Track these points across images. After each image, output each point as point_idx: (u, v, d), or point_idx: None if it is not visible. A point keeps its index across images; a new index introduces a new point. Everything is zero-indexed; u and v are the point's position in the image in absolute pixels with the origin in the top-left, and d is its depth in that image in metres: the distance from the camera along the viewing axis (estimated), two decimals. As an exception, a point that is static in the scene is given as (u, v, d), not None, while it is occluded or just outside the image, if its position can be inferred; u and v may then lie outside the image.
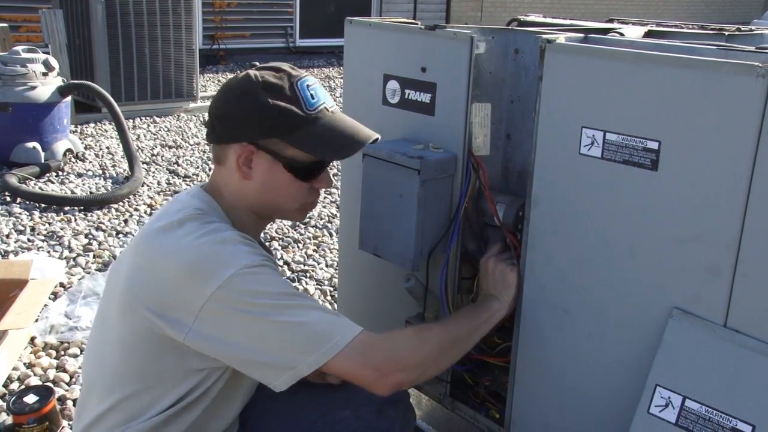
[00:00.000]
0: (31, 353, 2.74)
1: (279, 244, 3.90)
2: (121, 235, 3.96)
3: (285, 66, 1.42)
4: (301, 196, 1.45)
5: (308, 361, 1.28)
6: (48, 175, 4.92)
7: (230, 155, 1.40)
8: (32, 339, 2.81)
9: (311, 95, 1.39)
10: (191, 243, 1.31)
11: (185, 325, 1.29)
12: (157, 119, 6.67)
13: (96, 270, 3.49)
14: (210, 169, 5.23)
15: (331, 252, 3.88)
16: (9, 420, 2.26)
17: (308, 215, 1.63)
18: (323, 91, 1.43)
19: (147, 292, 1.33)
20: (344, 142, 1.41)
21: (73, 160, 5.27)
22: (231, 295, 1.27)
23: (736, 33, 1.92)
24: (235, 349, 1.29)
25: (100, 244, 3.83)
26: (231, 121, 1.38)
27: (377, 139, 1.47)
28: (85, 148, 5.59)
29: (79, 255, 3.68)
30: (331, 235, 4.11)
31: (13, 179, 4.45)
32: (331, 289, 3.43)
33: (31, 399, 2.26)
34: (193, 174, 5.16)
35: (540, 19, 2.26)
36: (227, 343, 1.29)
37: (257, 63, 9.93)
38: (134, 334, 1.35)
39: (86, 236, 3.92)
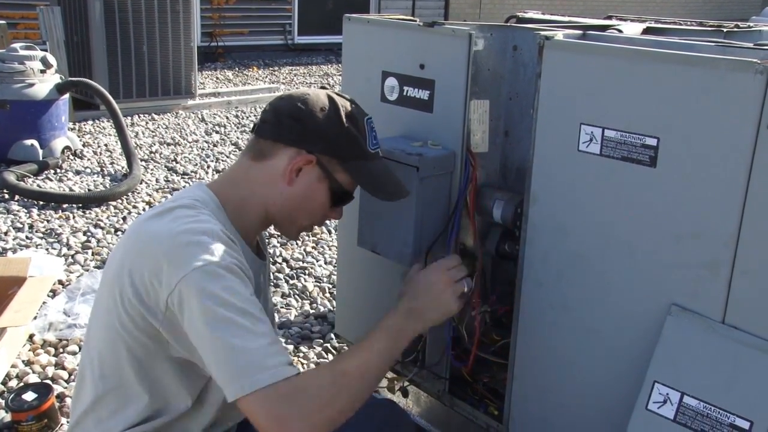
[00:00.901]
0: (29, 351, 2.74)
1: (277, 241, 3.89)
2: (119, 233, 3.96)
3: (354, 101, 1.51)
4: (319, 216, 1.51)
5: (228, 389, 1.22)
6: (46, 172, 4.91)
7: (281, 156, 1.43)
8: (31, 336, 2.80)
9: (374, 136, 1.50)
10: (175, 229, 1.30)
11: (160, 311, 1.28)
12: (156, 116, 6.66)
13: (94, 267, 3.49)
14: (208, 167, 5.25)
15: (329, 249, 3.88)
16: (8, 417, 2.26)
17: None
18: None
19: (133, 274, 1.32)
20: (395, 189, 1.52)
21: (71, 157, 5.26)
22: (190, 290, 1.24)
23: (735, 30, 1.92)
24: (195, 343, 1.27)
25: (98, 241, 3.83)
26: (307, 127, 1.42)
27: (408, 194, 1.58)
28: (84, 145, 5.59)
29: (77, 252, 3.67)
30: (329, 232, 4.11)
31: (11, 176, 4.45)
32: (330, 286, 3.43)
33: (29, 396, 2.26)
34: (191, 171, 5.16)
35: (538, 15, 2.26)
36: (190, 337, 1.27)
37: (255, 63, 9.90)
38: (120, 323, 1.35)
39: (85, 234, 3.92)
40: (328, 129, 1.42)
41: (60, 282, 3.30)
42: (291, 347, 2.90)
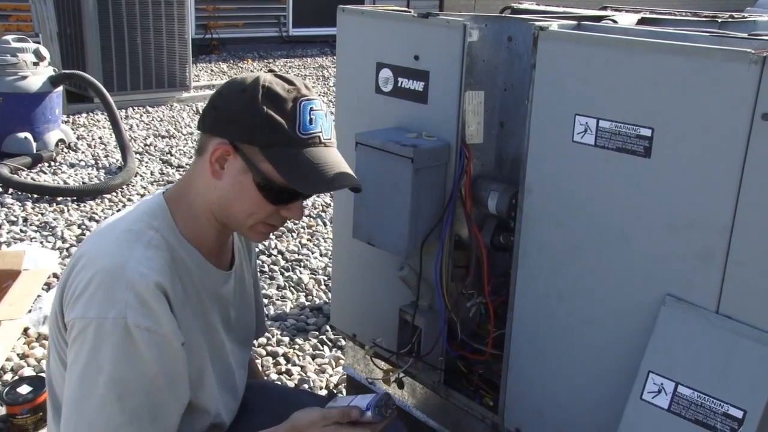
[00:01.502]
0: (24, 344, 2.74)
1: (273, 234, 3.89)
2: (114, 226, 3.95)
3: (300, 82, 1.33)
4: (260, 215, 1.34)
5: None
6: (40, 165, 4.90)
7: (209, 147, 1.32)
8: (25, 330, 2.80)
9: (310, 119, 1.30)
10: (101, 262, 1.25)
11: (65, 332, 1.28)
12: (150, 109, 6.64)
13: (89, 260, 3.48)
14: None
15: (325, 241, 3.88)
16: (2, 410, 2.26)
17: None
18: (327, 121, 1.34)
19: (61, 292, 1.31)
20: (318, 178, 1.29)
21: (65, 150, 5.24)
22: (76, 333, 1.22)
23: (729, 20, 1.92)
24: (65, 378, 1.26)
25: (93, 234, 3.82)
26: (222, 113, 1.31)
27: (357, 188, 1.38)
28: (78, 138, 5.57)
29: (72, 245, 3.66)
30: (325, 224, 4.11)
31: (4, 170, 4.43)
32: (325, 278, 3.43)
33: (24, 390, 2.26)
34: (186, 164, 5.15)
35: (533, 6, 2.25)
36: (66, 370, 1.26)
37: (250, 55, 9.87)
38: (56, 337, 1.33)
39: (79, 227, 3.91)
40: (243, 113, 1.28)
41: (55, 275, 3.29)
42: (287, 339, 2.90)
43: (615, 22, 1.83)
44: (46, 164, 4.94)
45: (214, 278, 1.41)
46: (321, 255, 3.72)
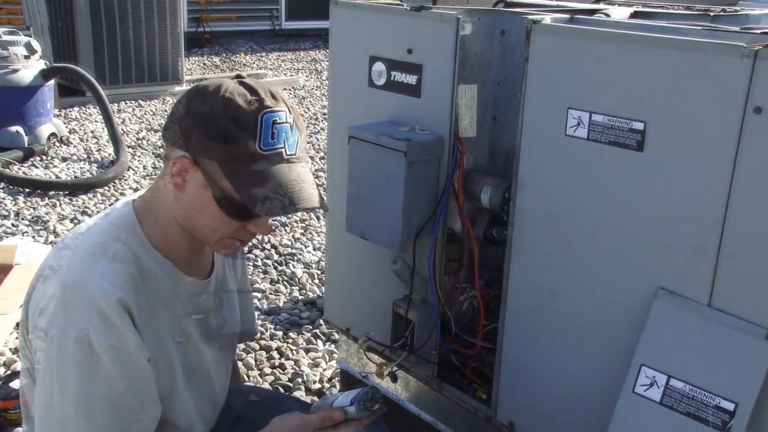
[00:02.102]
0: (16, 338, 2.73)
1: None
2: (106, 220, 3.94)
3: (265, 91, 1.23)
4: (224, 230, 1.27)
5: None
6: (32, 159, 4.87)
7: (170, 160, 1.26)
8: (18, 324, 2.79)
9: (272, 133, 1.21)
10: (64, 276, 1.23)
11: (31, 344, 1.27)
12: (143, 103, 6.61)
13: (82, 255, 3.47)
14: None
15: (318, 235, 3.88)
16: (-4, 405, 2.25)
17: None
18: (293, 135, 1.24)
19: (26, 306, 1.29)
20: (276, 200, 1.21)
21: (57, 144, 5.22)
22: (41, 352, 1.21)
23: (722, 14, 1.92)
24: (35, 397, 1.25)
25: (85, 228, 3.81)
26: (182, 125, 1.23)
27: (315, 208, 1.29)
28: (70, 132, 5.54)
29: (64, 240, 3.65)
30: (318, 218, 4.10)
31: (-4, 164, 4.41)
32: (319, 272, 3.43)
33: (17, 384, 2.24)
34: (179, 158, 5.13)
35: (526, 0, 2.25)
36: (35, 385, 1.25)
37: (243, 49, 9.83)
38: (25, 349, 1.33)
39: (72, 221, 3.90)
40: (201, 126, 1.20)
41: (47, 269, 3.27)
42: (280, 333, 2.90)
43: (608, 15, 1.83)
44: (38, 158, 4.92)
45: (189, 288, 1.36)
46: (314, 249, 3.71)
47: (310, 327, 2.95)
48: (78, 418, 1.19)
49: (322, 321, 2.95)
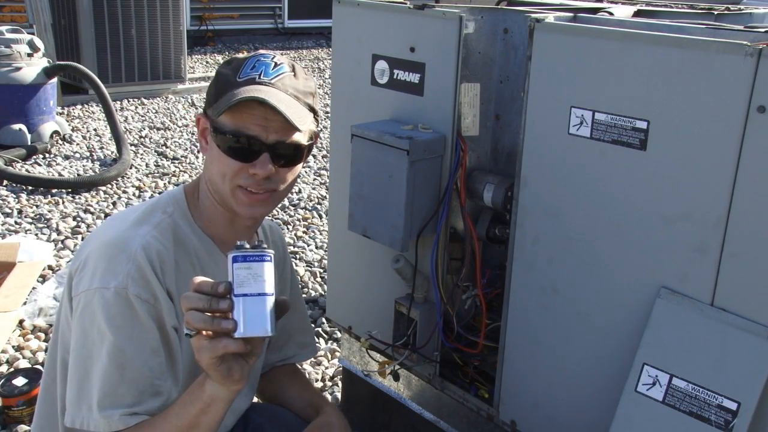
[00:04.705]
0: (19, 336, 2.73)
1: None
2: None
3: (271, 52, 1.40)
4: (229, 174, 1.32)
5: (69, 413, 1.26)
6: (35, 157, 4.88)
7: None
8: (21, 322, 2.80)
9: (252, 66, 1.33)
10: (109, 234, 1.32)
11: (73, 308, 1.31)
12: (145, 101, 6.62)
13: (84, 252, 3.48)
14: (198, 152, 5.21)
15: (320, 234, 3.88)
16: (-2, 403, 2.26)
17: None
18: (274, 71, 1.33)
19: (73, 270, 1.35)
20: (229, 99, 1.28)
21: (60, 142, 5.22)
22: (82, 306, 1.26)
23: (725, 12, 1.91)
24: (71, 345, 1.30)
25: (88, 226, 3.81)
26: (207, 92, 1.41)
27: (274, 107, 1.29)
28: (72, 130, 5.55)
29: (67, 237, 3.66)
30: (320, 216, 4.10)
31: (-1, 162, 4.42)
32: (321, 270, 3.43)
33: (20, 381, 2.25)
34: (181, 156, 5.13)
35: (529, -2, 2.24)
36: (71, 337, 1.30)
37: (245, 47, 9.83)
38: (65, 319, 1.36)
39: (74, 219, 3.90)
40: (212, 82, 1.38)
41: (50, 267, 3.28)
42: (282, 331, 2.90)
43: (611, 14, 1.82)
44: (41, 156, 4.92)
45: (224, 268, 1.38)
46: (316, 247, 3.72)
47: (313, 326, 2.96)
48: (111, 368, 1.23)
49: (324, 319, 2.96)
